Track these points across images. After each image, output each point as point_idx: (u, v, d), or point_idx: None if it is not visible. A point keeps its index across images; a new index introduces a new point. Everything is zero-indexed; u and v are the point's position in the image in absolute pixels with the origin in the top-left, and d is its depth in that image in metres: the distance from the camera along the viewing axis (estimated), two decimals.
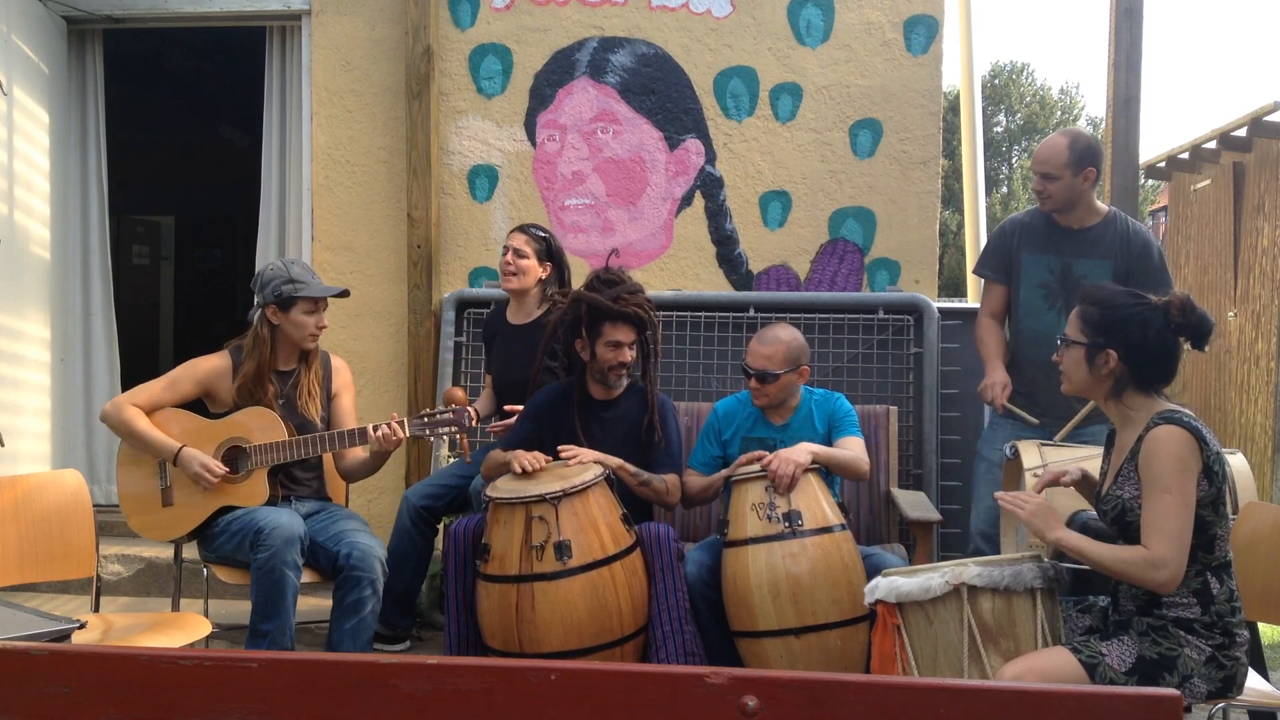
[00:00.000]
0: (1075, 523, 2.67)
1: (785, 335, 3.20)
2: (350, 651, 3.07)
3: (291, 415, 3.25)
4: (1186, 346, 2.37)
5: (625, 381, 3.22)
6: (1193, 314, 2.31)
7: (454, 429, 3.17)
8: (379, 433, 3.14)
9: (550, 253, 3.68)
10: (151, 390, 3.24)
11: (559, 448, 3.06)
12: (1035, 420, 3.32)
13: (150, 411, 3.22)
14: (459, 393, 3.49)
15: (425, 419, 3.19)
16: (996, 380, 3.40)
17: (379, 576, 3.09)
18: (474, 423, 3.32)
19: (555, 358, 3.39)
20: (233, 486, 3.17)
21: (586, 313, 3.14)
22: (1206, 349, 2.39)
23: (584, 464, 3.01)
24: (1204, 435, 2.23)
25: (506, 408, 3.54)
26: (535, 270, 3.64)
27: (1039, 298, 3.41)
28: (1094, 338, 2.35)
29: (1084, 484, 2.55)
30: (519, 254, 3.62)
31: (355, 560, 3.05)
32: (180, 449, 3.15)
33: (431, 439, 3.36)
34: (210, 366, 3.28)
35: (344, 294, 3.41)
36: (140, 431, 3.17)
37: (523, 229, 3.68)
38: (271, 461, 3.15)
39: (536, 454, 3.05)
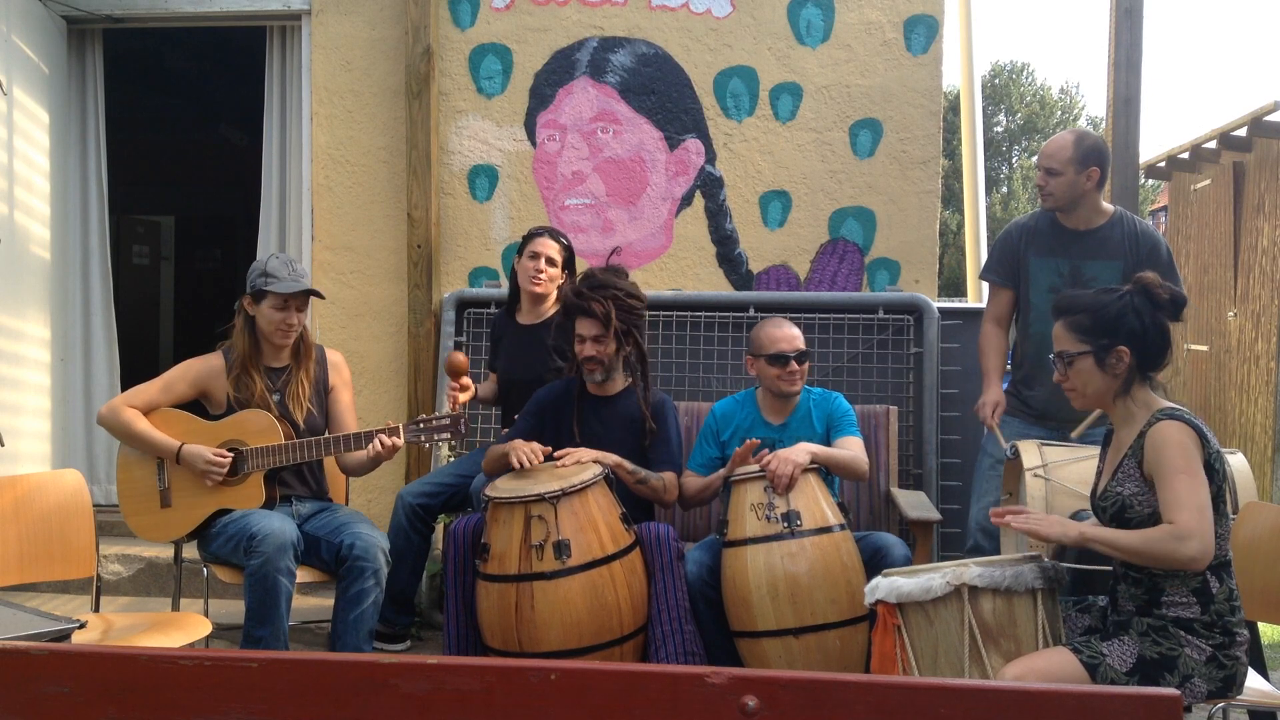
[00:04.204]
0: (1071, 550, 2.67)
1: (790, 322, 3.27)
2: (352, 642, 3.09)
3: (282, 412, 3.24)
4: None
5: (601, 377, 3.22)
6: (1170, 288, 2.36)
7: (449, 435, 3.17)
8: (375, 445, 3.12)
9: (570, 261, 3.73)
10: (147, 392, 3.23)
11: (555, 453, 3.06)
12: (1005, 447, 3.27)
13: (146, 413, 3.21)
14: (459, 357, 3.49)
15: (420, 425, 3.19)
16: (989, 400, 3.43)
17: (382, 567, 3.09)
18: (473, 397, 3.46)
19: (564, 357, 3.39)
20: (230, 489, 3.16)
21: (563, 309, 3.26)
22: (1182, 319, 2.43)
23: (582, 463, 3.01)
24: (1204, 432, 2.25)
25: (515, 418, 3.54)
26: (559, 278, 3.67)
27: (1048, 302, 3.38)
28: (1098, 341, 2.36)
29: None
30: (550, 262, 3.64)
31: (359, 551, 3.06)
32: (181, 446, 3.15)
33: (427, 445, 3.36)
34: (204, 367, 3.28)
35: (310, 293, 3.26)
36: (140, 432, 3.17)
37: (552, 235, 3.68)
38: (268, 465, 3.14)
39: (534, 445, 3.06)
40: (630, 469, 3.09)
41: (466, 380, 3.51)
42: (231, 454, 3.13)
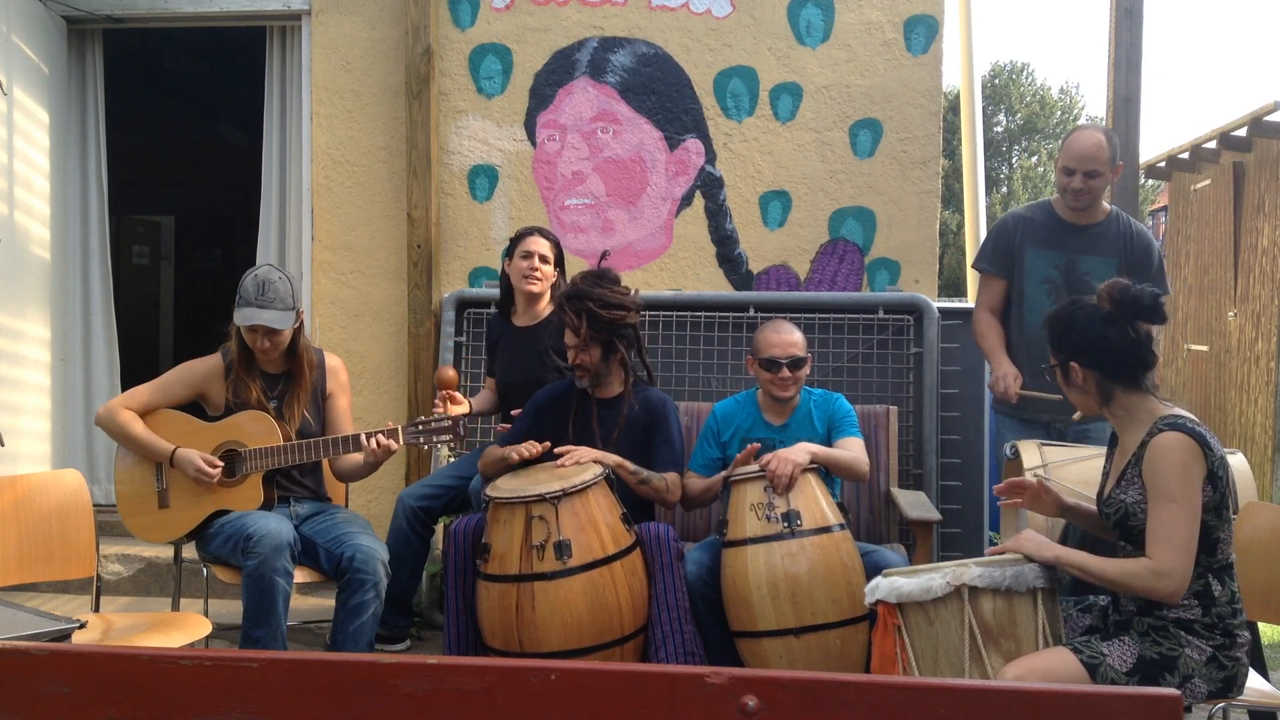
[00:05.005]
0: (1074, 532, 2.67)
1: (793, 326, 3.26)
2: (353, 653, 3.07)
3: (279, 418, 3.23)
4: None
5: (588, 383, 3.22)
6: (1125, 297, 2.29)
7: (448, 437, 3.16)
8: (372, 444, 3.12)
9: (560, 258, 3.72)
10: (144, 393, 3.23)
11: (555, 450, 3.05)
12: (1057, 396, 3.24)
13: (144, 414, 3.21)
14: (449, 372, 3.53)
15: (419, 427, 3.18)
16: (1007, 372, 3.37)
17: (381, 579, 3.08)
18: (467, 413, 3.42)
19: (562, 357, 3.39)
20: (228, 490, 3.16)
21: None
22: (1165, 319, 2.35)
23: (583, 463, 3.01)
24: (1208, 441, 2.22)
25: (513, 413, 3.53)
26: (552, 275, 3.67)
27: (1043, 293, 3.40)
28: (1058, 355, 2.39)
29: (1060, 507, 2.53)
30: (544, 259, 3.63)
31: (359, 563, 3.05)
32: (175, 450, 3.14)
33: (426, 446, 3.35)
34: (203, 369, 3.27)
35: (271, 331, 3.15)
36: (135, 435, 3.16)
37: (541, 233, 3.68)
38: (266, 466, 3.14)
39: (532, 442, 3.06)
40: (632, 469, 3.09)
41: (457, 395, 3.50)
42: (222, 465, 3.12)
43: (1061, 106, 24.54)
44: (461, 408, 3.50)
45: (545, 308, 3.68)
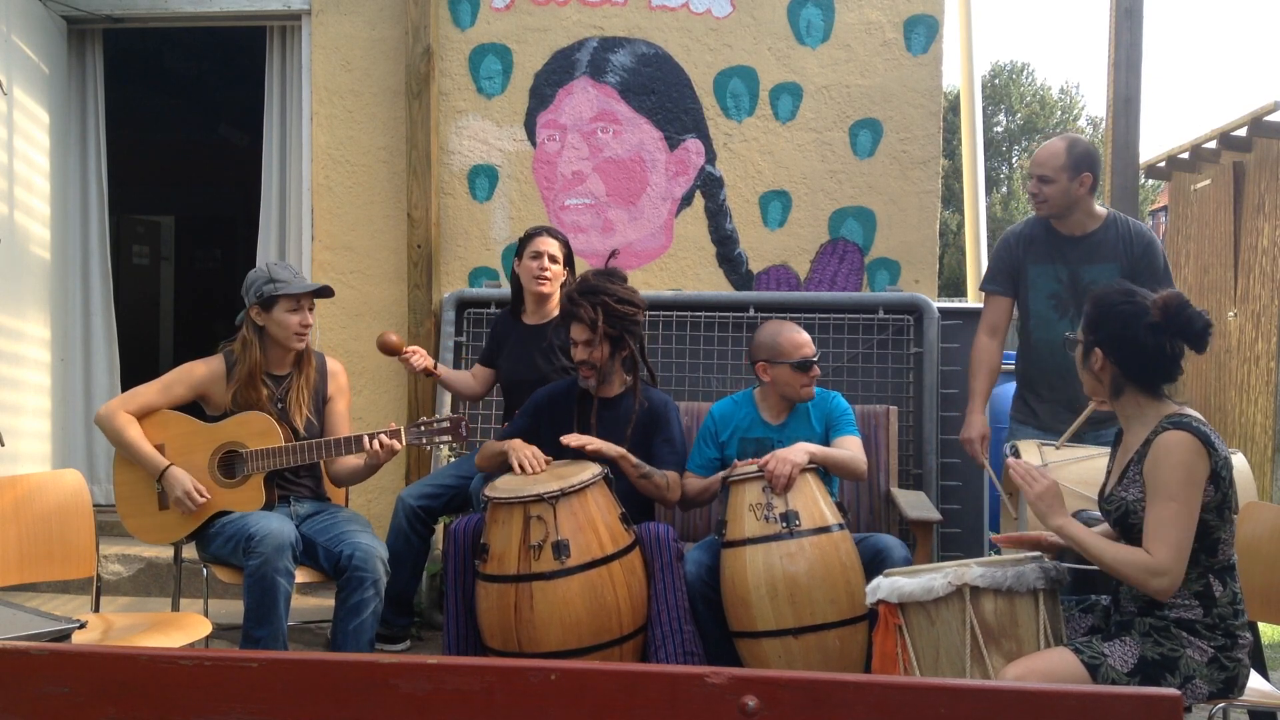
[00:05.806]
0: (1079, 519, 2.67)
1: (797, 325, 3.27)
2: (352, 652, 3.07)
3: (283, 419, 3.23)
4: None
5: (595, 381, 3.21)
6: (1179, 315, 2.25)
7: (450, 438, 3.17)
8: (374, 446, 3.12)
9: (569, 258, 3.73)
10: (146, 394, 3.22)
11: (562, 438, 3.04)
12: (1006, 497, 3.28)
13: (145, 415, 3.21)
14: (393, 337, 3.61)
15: (421, 427, 3.18)
16: (974, 436, 3.41)
17: (381, 577, 3.08)
18: (433, 369, 3.61)
19: (569, 356, 3.39)
20: (229, 492, 3.15)
21: (559, 313, 3.32)
22: (1205, 350, 2.33)
23: (582, 463, 3.01)
24: (1212, 441, 2.21)
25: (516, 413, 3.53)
26: (562, 275, 3.67)
27: (1049, 308, 3.39)
28: (1088, 336, 2.36)
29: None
30: (553, 259, 3.64)
31: (358, 561, 3.05)
32: (166, 469, 3.12)
33: (428, 447, 3.35)
34: (204, 370, 3.27)
35: (324, 292, 3.31)
36: (129, 442, 3.15)
37: (551, 233, 3.68)
38: (267, 467, 3.13)
39: (537, 451, 3.05)
40: (635, 462, 3.08)
41: (410, 348, 3.61)
42: (208, 498, 3.11)
43: (1061, 106, 24.55)
44: (423, 358, 3.62)
45: (554, 308, 3.68)
